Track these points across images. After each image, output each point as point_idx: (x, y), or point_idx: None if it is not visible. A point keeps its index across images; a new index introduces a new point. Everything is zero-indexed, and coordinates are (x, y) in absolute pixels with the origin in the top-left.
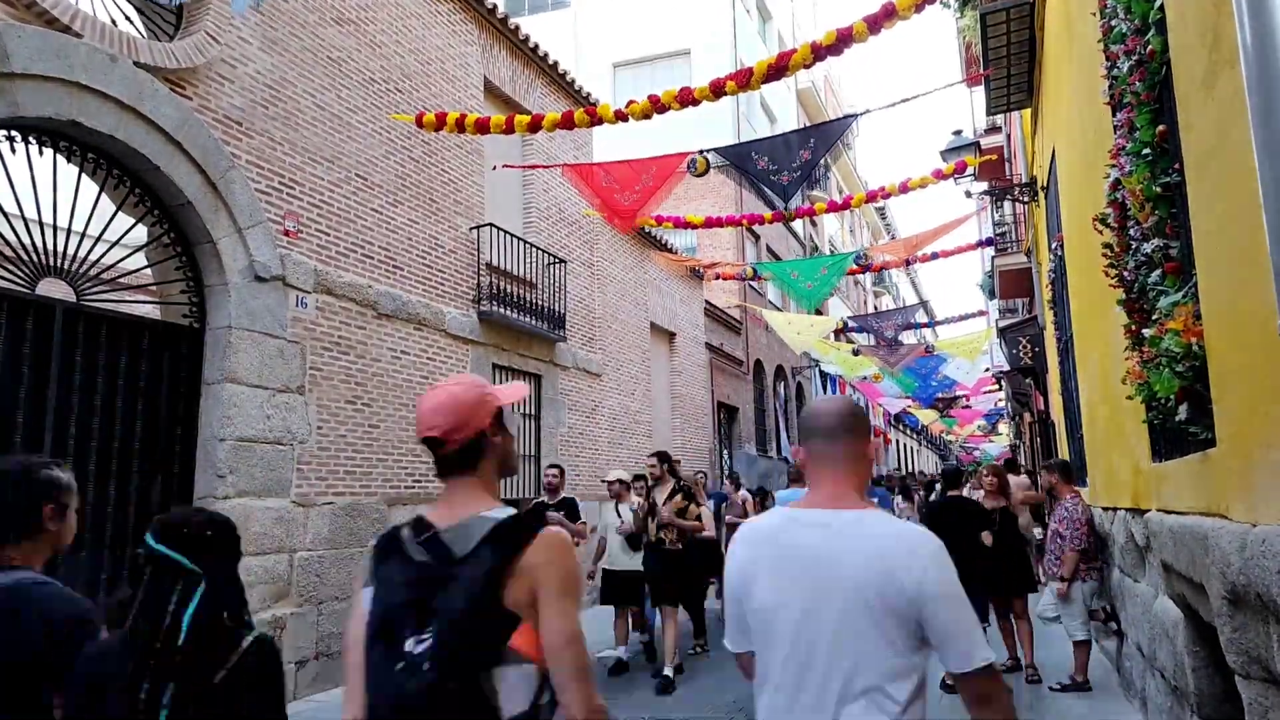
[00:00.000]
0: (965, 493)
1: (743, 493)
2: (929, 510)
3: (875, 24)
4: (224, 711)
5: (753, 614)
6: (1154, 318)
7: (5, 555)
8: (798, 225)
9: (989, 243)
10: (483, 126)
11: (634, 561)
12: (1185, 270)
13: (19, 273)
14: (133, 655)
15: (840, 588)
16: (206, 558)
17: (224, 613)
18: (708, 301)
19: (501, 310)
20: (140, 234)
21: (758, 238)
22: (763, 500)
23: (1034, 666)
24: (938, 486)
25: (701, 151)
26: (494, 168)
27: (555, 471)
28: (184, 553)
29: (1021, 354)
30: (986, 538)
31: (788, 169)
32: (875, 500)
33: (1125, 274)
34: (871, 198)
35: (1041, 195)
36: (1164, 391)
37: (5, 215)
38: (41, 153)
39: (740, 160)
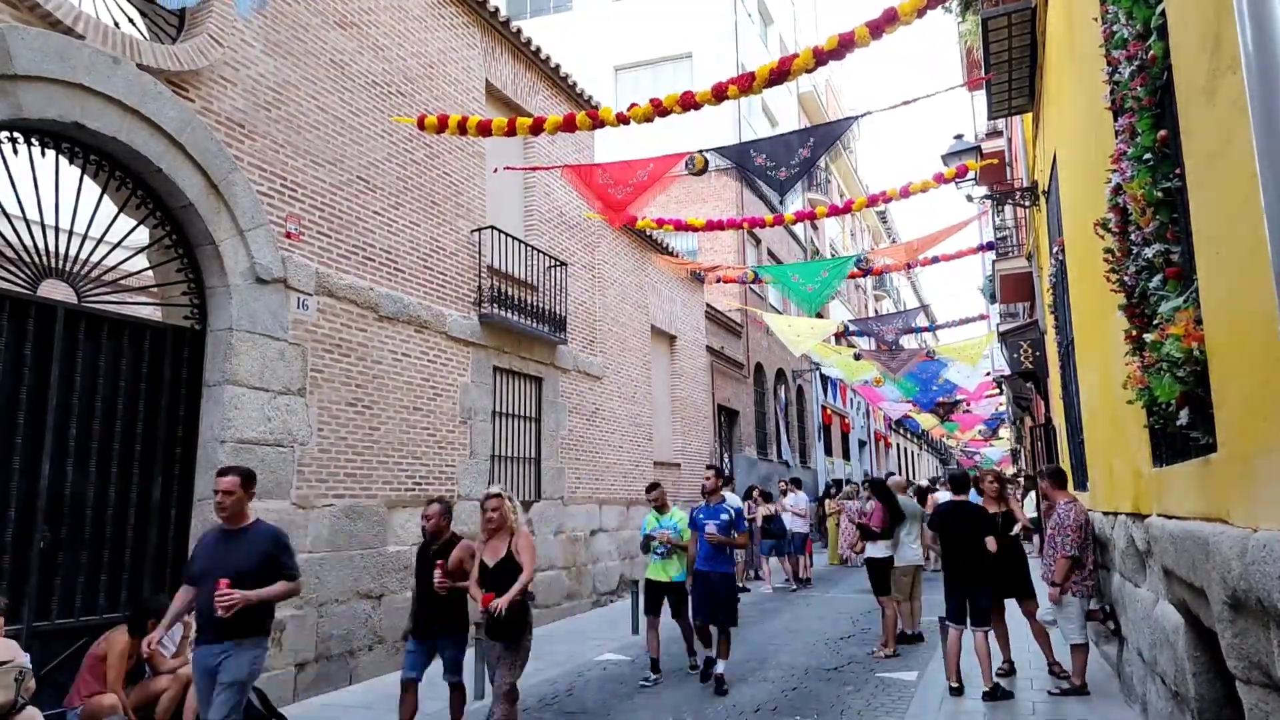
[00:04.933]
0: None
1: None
2: (936, 514)
3: (877, 28)
4: None
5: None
6: (1155, 322)
7: None
8: (799, 229)
9: (990, 247)
10: (484, 129)
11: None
12: (1186, 275)
13: (21, 274)
14: None
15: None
16: None
17: None
18: (708, 304)
19: (502, 313)
20: (142, 236)
21: (759, 241)
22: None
23: (1059, 663)
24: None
25: (700, 151)
26: (494, 170)
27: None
28: None
29: (1022, 358)
30: (990, 543)
31: (785, 165)
32: None
33: (1126, 279)
34: (873, 201)
35: (1043, 200)
36: (1165, 396)
37: (7, 216)
38: (44, 154)
39: (738, 158)
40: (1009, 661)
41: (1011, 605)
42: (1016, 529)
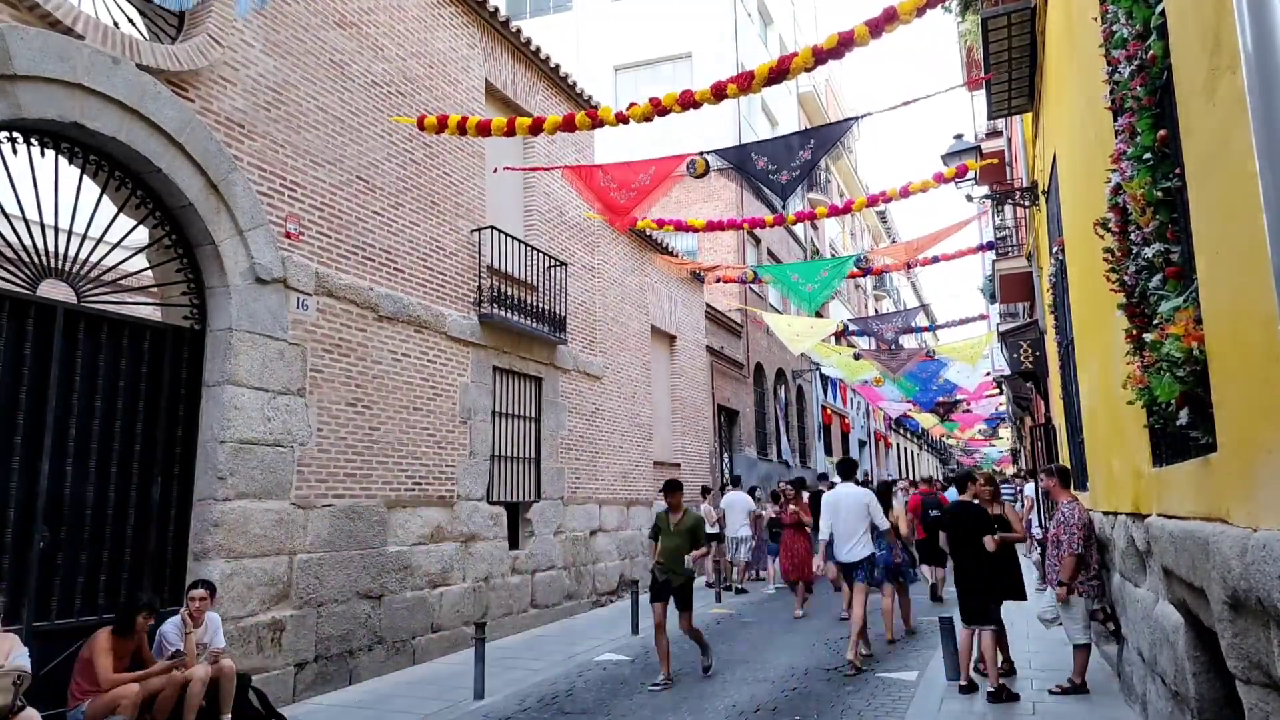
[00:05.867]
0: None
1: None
2: (944, 514)
3: (876, 27)
4: None
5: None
6: (1155, 322)
7: None
8: (799, 229)
9: (990, 247)
10: (484, 129)
11: None
12: (1186, 275)
13: (20, 274)
14: None
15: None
16: None
17: None
18: (708, 304)
19: (502, 313)
20: (141, 236)
21: (759, 241)
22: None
23: (1010, 660)
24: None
25: (701, 153)
26: (494, 170)
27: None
28: None
29: (1022, 358)
30: (989, 542)
31: (787, 168)
32: None
33: (1126, 278)
34: (872, 201)
35: (1042, 199)
36: (1165, 396)
37: (7, 216)
38: (43, 154)
39: (740, 160)
40: (1009, 661)
41: (1009, 606)
42: (1013, 536)
